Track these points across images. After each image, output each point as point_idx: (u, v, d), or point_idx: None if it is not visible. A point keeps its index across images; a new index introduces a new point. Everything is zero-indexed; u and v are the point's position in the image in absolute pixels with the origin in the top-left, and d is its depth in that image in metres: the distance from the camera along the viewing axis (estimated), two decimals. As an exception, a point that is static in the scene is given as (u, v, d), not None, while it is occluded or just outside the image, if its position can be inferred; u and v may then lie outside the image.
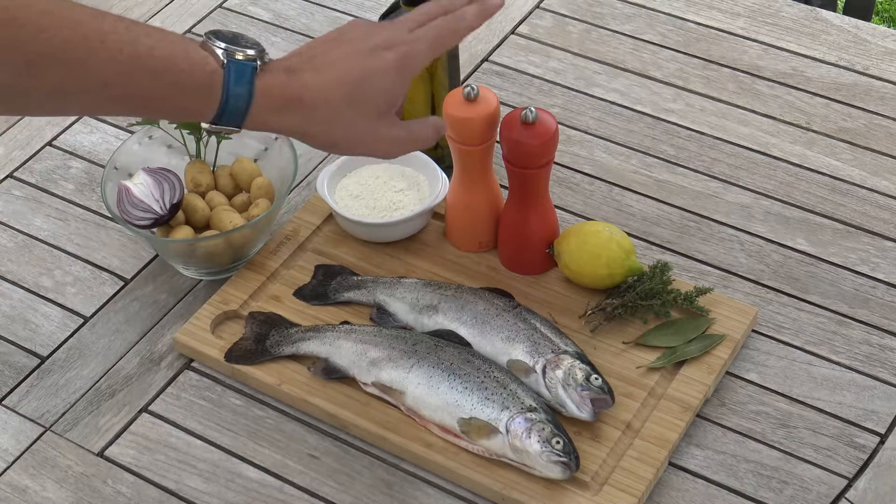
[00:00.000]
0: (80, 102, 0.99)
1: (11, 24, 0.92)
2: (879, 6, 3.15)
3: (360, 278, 1.35)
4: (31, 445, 1.26)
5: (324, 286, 1.35)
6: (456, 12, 1.12)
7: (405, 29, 1.09)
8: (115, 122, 1.57)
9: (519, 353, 1.24)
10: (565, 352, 1.24)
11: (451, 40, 1.12)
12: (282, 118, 1.04)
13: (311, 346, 1.28)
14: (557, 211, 1.37)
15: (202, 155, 1.40)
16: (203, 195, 1.38)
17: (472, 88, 1.28)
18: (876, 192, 1.44)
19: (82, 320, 1.36)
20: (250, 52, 1.03)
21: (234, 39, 1.04)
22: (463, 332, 1.27)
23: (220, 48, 1.02)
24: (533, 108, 1.26)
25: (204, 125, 1.05)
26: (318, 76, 1.05)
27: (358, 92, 1.05)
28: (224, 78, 1.01)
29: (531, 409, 1.18)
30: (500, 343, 1.25)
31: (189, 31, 1.69)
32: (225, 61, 1.02)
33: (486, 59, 1.62)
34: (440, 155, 1.44)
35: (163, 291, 1.38)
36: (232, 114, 1.02)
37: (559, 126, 1.33)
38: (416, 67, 1.08)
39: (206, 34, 1.04)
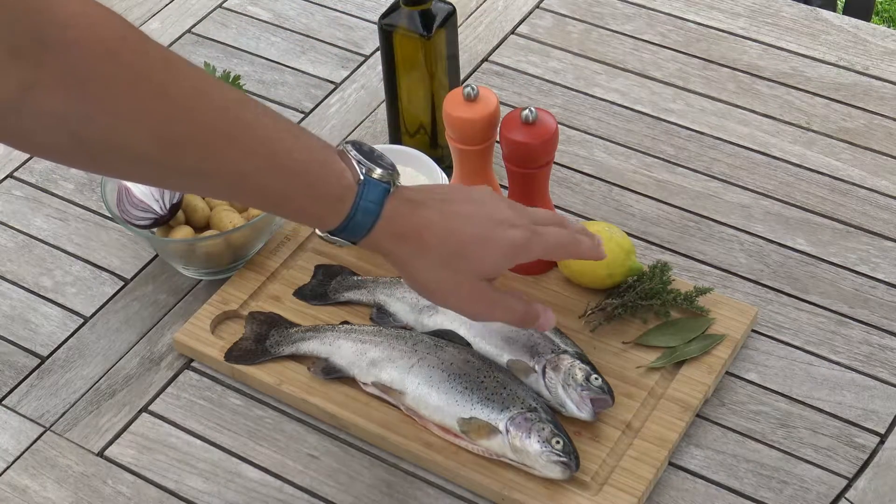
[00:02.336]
0: (211, 187, 0.99)
1: (163, 98, 0.91)
2: (879, 6, 3.15)
3: (360, 278, 1.35)
4: (31, 445, 1.26)
5: (324, 286, 1.35)
6: (576, 235, 1.13)
7: (531, 219, 1.10)
8: (115, 122, 1.57)
9: (519, 353, 1.24)
10: (565, 352, 1.24)
11: (562, 253, 1.14)
12: (396, 245, 1.04)
13: (311, 346, 1.28)
14: (557, 211, 1.37)
15: (202, 155, 1.40)
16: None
17: (472, 88, 1.28)
18: (876, 192, 1.45)
19: (82, 320, 1.36)
20: (385, 171, 1.03)
21: (370, 154, 1.04)
22: (463, 332, 1.27)
23: (357, 161, 1.02)
24: (533, 108, 1.26)
25: (319, 232, 1.04)
26: (442, 219, 1.05)
27: (471, 250, 1.06)
28: (357, 194, 1.01)
29: (531, 409, 1.18)
30: (500, 343, 1.25)
31: (189, 30, 1.69)
32: (362, 177, 1.02)
33: (486, 59, 1.62)
34: (440, 155, 1.44)
35: (163, 291, 1.38)
36: (354, 230, 1.02)
37: (559, 126, 1.33)
38: (528, 256, 1.09)
39: (345, 143, 1.04)
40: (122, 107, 0.89)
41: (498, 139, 1.30)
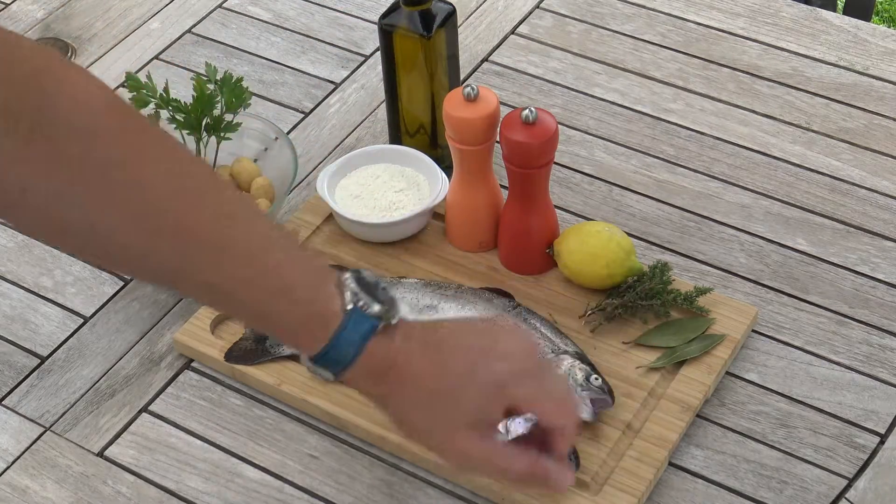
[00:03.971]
0: (188, 291, 0.94)
1: (147, 191, 0.87)
2: (879, 6, 3.15)
3: (360, 278, 1.35)
4: (31, 445, 1.26)
5: (324, 286, 1.35)
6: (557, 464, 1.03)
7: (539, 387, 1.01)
8: (115, 122, 1.57)
9: (519, 353, 1.24)
10: (565, 352, 1.24)
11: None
12: (372, 385, 0.98)
13: (311, 346, 1.28)
14: (557, 211, 1.37)
15: (202, 155, 1.40)
16: (203, 195, 1.38)
17: (472, 88, 1.28)
18: (876, 192, 1.44)
19: (82, 320, 1.36)
20: (381, 307, 0.96)
21: (370, 287, 0.96)
22: (463, 332, 1.27)
23: (353, 292, 0.95)
24: (533, 108, 1.26)
25: (303, 361, 0.98)
26: (425, 353, 0.98)
27: (454, 388, 0.97)
28: (340, 325, 0.94)
29: (531, 409, 1.18)
30: (500, 343, 1.25)
31: (189, 30, 1.69)
32: (349, 307, 0.94)
33: (486, 59, 1.62)
34: (440, 155, 1.44)
35: (163, 291, 1.38)
36: (332, 362, 0.95)
37: (559, 126, 1.33)
38: (517, 400, 0.99)
39: (349, 273, 0.97)
40: (101, 192, 0.86)
41: (498, 139, 1.30)
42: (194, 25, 1.70)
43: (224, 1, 1.73)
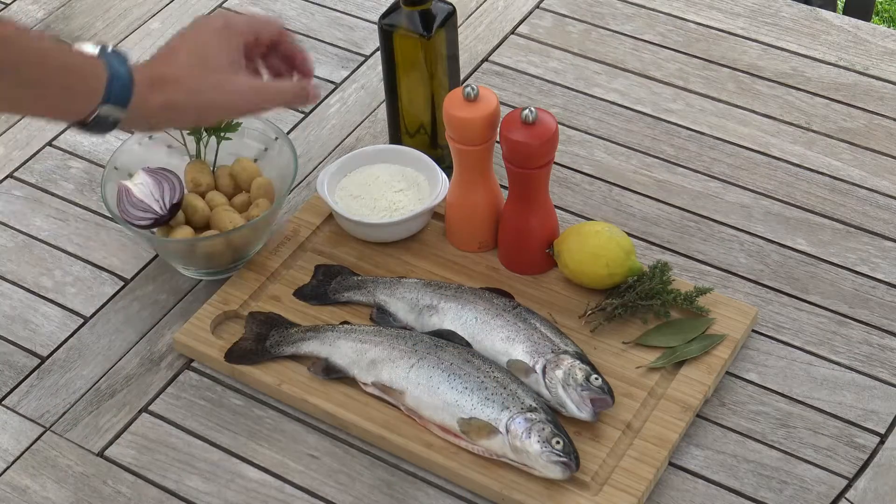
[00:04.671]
0: None
1: None
2: (879, 6, 3.15)
3: (360, 278, 1.35)
4: (31, 445, 1.26)
5: (324, 286, 1.35)
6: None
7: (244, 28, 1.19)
8: (115, 122, 1.57)
9: (519, 353, 1.24)
10: (565, 352, 1.24)
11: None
12: (158, 94, 1.09)
13: (311, 346, 1.28)
14: (557, 211, 1.37)
15: (202, 155, 1.40)
16: (203, 195, 1.38)
17: (472, 88, 1.28)
18: (876, 192, 1.44)
19: (82, 320, 1.36)
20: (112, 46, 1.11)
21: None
22: (463, 332, 1.27)
23: (90, 45, 1.09)
24: (533, 108, 1.26)
25: (90, 121, 1.08)
26: (173, 56, 1.13)
27: (203, 51, 1.14)
28: (105, 60, 1.07)
29: (531, 409, 1.18)
30: (500, 343, 1.25)
31: (189, 31, 1.69)
32: (98, 49, 1.08)
33: (486, 59, 1.62)
34: (440, 155, 1.44)
35: (163, 291, 1.38)
36: (118, 91, 1.06)
37: (559, 126, 1.33)
38: (235, 31, 1.17)
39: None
40: None
41: (498, 139, 1.30)
42: (194, 25, 1.69)
43: (224, 1, 1.73)
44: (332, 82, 1.61)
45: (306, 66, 1.23)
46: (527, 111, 1.26)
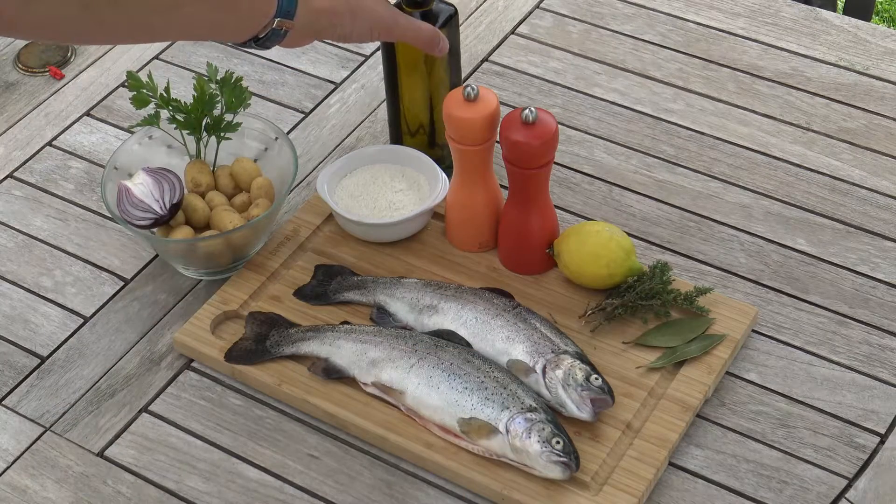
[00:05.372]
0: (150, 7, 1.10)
1: None
2: (879, 6, 3.15)
3: (360, 278, 1.35)
4: (31, 445, 1.26)
5: (324, 286, 1.35)
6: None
7: None
8: (115, 122, 1.57)
9: (519, 353, 1.24)
10: (565, 352, 1.24)
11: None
12: (318, 17, 1.20)
13: (311, 346, 1.28)
14: (557, 211, 1.37)
15: (202, 155, 1.40)
16: (203, 195, 1.38)
17: (472, 88, 1.28)
18: (876, 192, 1.45)
19: (82, 320, 1.36)
20: None
21: None
22: (463, 332, 1.27)
23: None
24: (533, 108, 1.26)
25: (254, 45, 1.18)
26: None
27: None
28: None
29: (531, 409, 1.18)
30: (500, 343, 1.25)
31: (189, 31, 1.69)
32: None
33: (486, 59, 1.62)
34: (440, 155, 1.44)
35: (163, 291, 1.38)
36: (287, 3, 1.17)
37: (559, 126, 1.33)
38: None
39: None
40: None
41: (498, 139, 1.30)
42: (194, 25, 1.69)
43: None
44: (332, 82, 1.61)
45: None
46: (527, 111, 1.26)
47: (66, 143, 1.55)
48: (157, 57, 1.65)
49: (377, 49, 1.64)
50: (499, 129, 1.29)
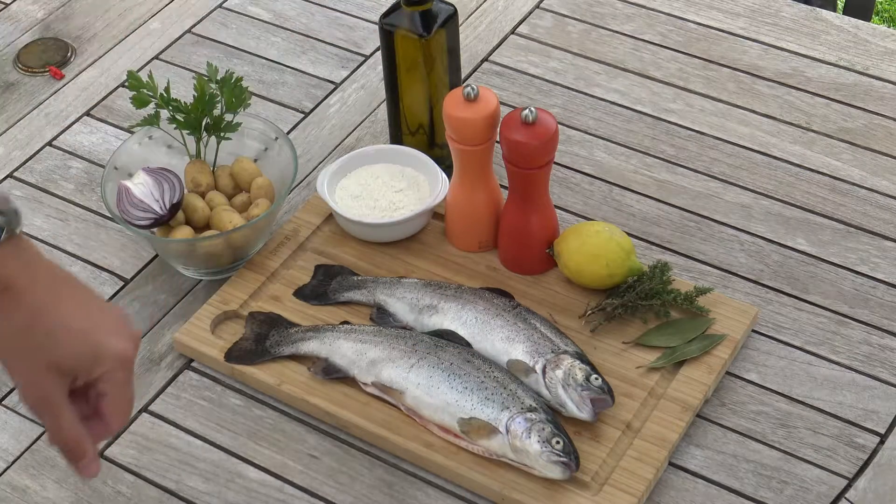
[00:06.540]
0: None
1: None
2: (879, 6, 3.15)
3: (360, 278, 1.35)
4: (31, 445, 1.26)
5: (324, 286, 1.35)
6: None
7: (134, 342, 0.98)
8: (115, 122, 1.57)
9: (519, 353, 1.24)
10: (565, 352, 1.24)
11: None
12: None
13: (311, 346, 1.28)
14: (557, 211, 1.37)
15: (202, 155, 1.40)
16: (203, 195, 1.38)
17: (472, 88, 1.28)
18: (876, 192, 1.45)
19: (82, 320, 1.36)
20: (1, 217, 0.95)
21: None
22: (463, 332, 1.27)
23: None
24: (533, 108, 1.26)
25: None
26: (50, 288, 0.96)
27: (60, 334, 0.94)
28: None
29: (531, 409, 1.18)
30: (500, 343, 1.25)
31: (189, 30, 1.69)
32: None
33: (486, 59, 1.62)
34: (440, 155, 1.44)
35: (163, 291, 1.38)
36: None
37: (559, 126, 1.33)
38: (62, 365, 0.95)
39: None
40: None
41: (498, 139, 1.30)
42: (194, 25, 1.70)
43: (224, 1, 1.73)
44: (332, 82, 1.61)
45: (109, 426, 0.99)
46: (527, 111, 1.26)
47: (66, 143, 1.55)
48: (157, 57, 1.65)
49: (377, 49, 1.64)
50: (499, 129, 1.29)
